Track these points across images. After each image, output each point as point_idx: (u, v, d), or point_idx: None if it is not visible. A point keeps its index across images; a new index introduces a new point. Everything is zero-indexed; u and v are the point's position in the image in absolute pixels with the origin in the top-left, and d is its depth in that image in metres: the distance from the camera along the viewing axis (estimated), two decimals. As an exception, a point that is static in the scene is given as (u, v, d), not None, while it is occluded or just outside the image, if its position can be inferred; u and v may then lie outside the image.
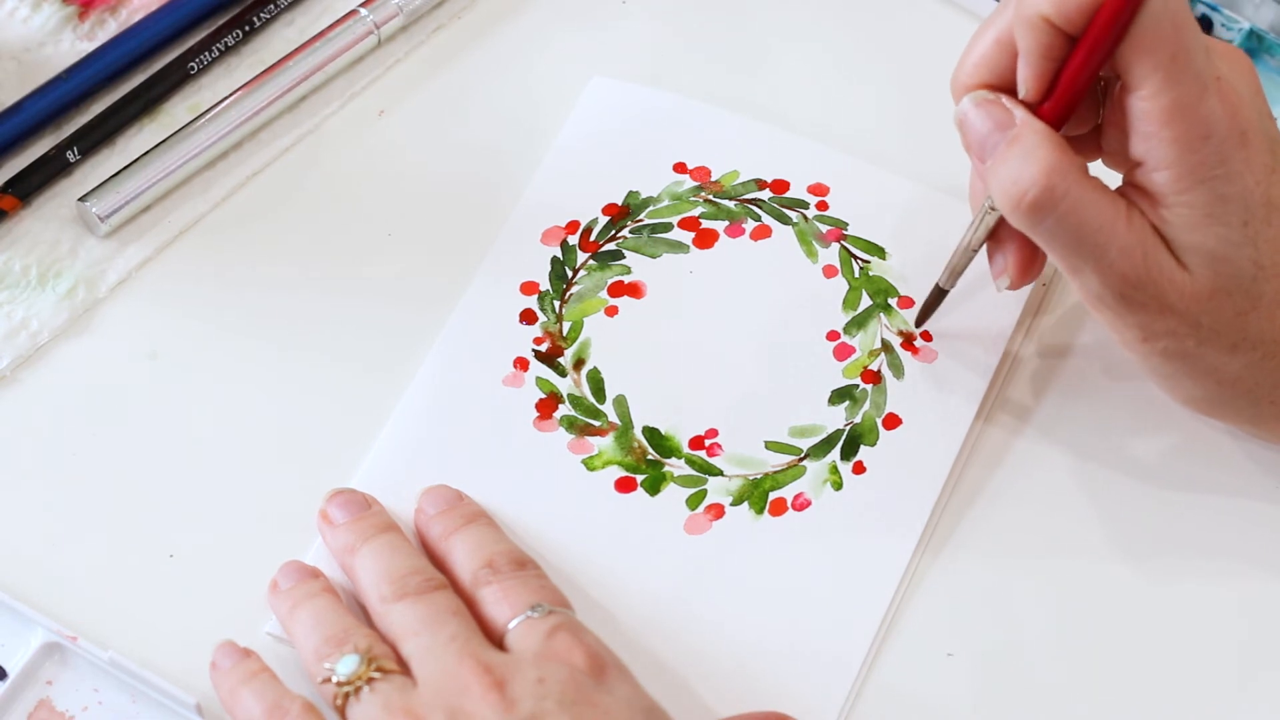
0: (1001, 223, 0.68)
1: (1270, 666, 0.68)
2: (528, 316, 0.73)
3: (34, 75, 0.78)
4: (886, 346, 0.73)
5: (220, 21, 0.80)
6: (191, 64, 0.79)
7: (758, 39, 0.81)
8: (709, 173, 0.77)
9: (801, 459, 0.71)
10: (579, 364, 0.73)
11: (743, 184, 0.77)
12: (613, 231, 0.75)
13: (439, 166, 0.78)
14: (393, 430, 0.71)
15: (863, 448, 0.71)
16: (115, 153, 0.77)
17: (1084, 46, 0.63)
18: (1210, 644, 0.68)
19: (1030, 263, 0.69)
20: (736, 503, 0.70)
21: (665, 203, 0.76)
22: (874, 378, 0.73)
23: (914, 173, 0.77)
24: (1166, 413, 0.72)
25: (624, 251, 0.75)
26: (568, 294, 0.74)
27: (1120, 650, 0.68)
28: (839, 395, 0.72)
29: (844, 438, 0.71)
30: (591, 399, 0.72)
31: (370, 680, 0.63)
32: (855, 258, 0.75)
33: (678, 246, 0.75)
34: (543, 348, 0.73)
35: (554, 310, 0.74)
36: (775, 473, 0.71)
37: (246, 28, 0.80)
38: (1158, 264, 0.64)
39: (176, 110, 0.78)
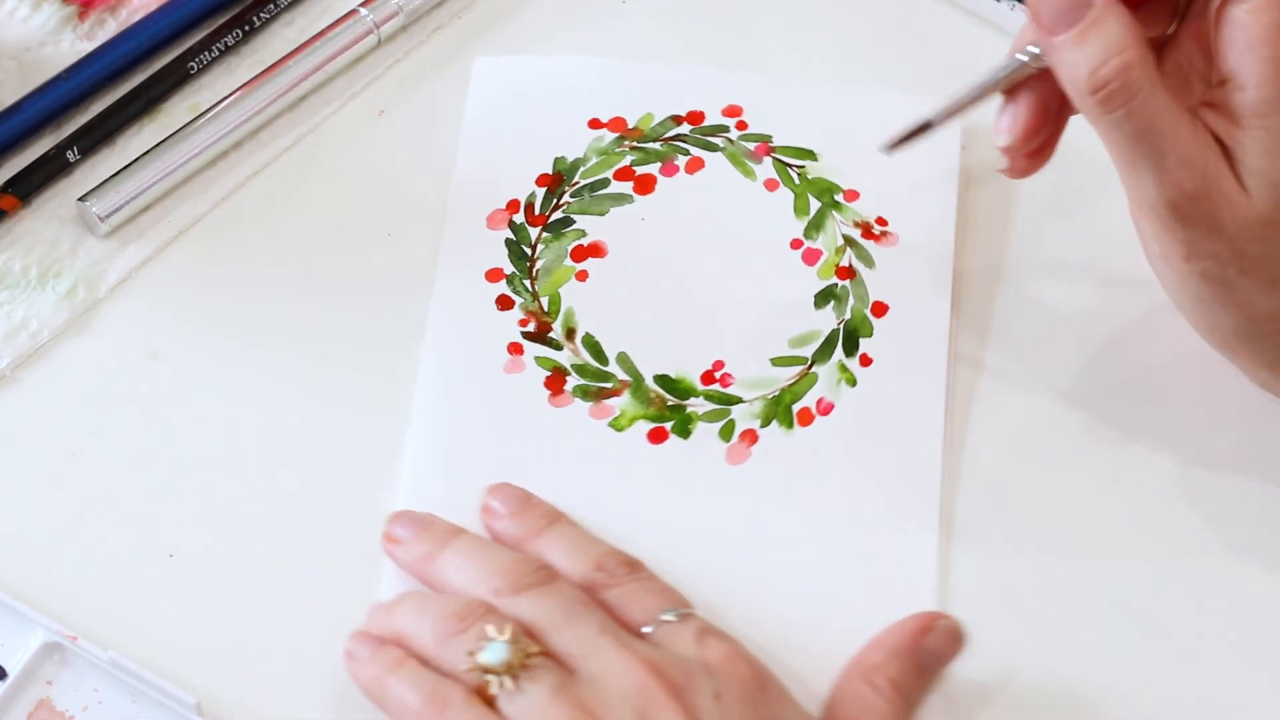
0: (1024, 83, 0.66)
1: (1267, 657, 0.68)
2: (504, 302, 0.73)
3: (34, 75, 0.78)
4: (849, 241, 0.75)
5: (220, 21, 0.80)
6: (191, 64, 0.79)
7: (757, 39, 0.81)
8: (625, 122, 0.77)
9: (810, 366, 0.72)
10: (570, 334, 0.73)
11: (660, 124, 0.77)
12: (554, 200, 0.76)
13: (439, 167, 0.77)
14: (416, 451, 0.70)
15: (861, 340, 0.73)
16: (115, 153, 0.77)
17: None
18: (1216, 635, 0.69)
19: (1036, 132, 0.67)
20: (765, 423, 0.71)
21: (593, 160, 0.77)
22: (848, 273, 0.74)
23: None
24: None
25: (572, 217, 0.75)
26: (534, 270, 0.74)
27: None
28: (823, 297, 0.74)
29: (841, 335, 0.73)
30: (595, 364, 0.72)
31: (524, 667, 0.61)
32: (789, 166, 0.77)
33: (621, 199, 0.76)
34: (530, 328, 0.73)
35: (527, 289, 0.74)
36: (790, 385, 0.72)
37: (246, 28, 0.80)
38: (1217, 181, 0.63)
39: (176, 110, 0.78)
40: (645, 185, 0.76)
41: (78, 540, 0.69)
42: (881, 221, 0.75)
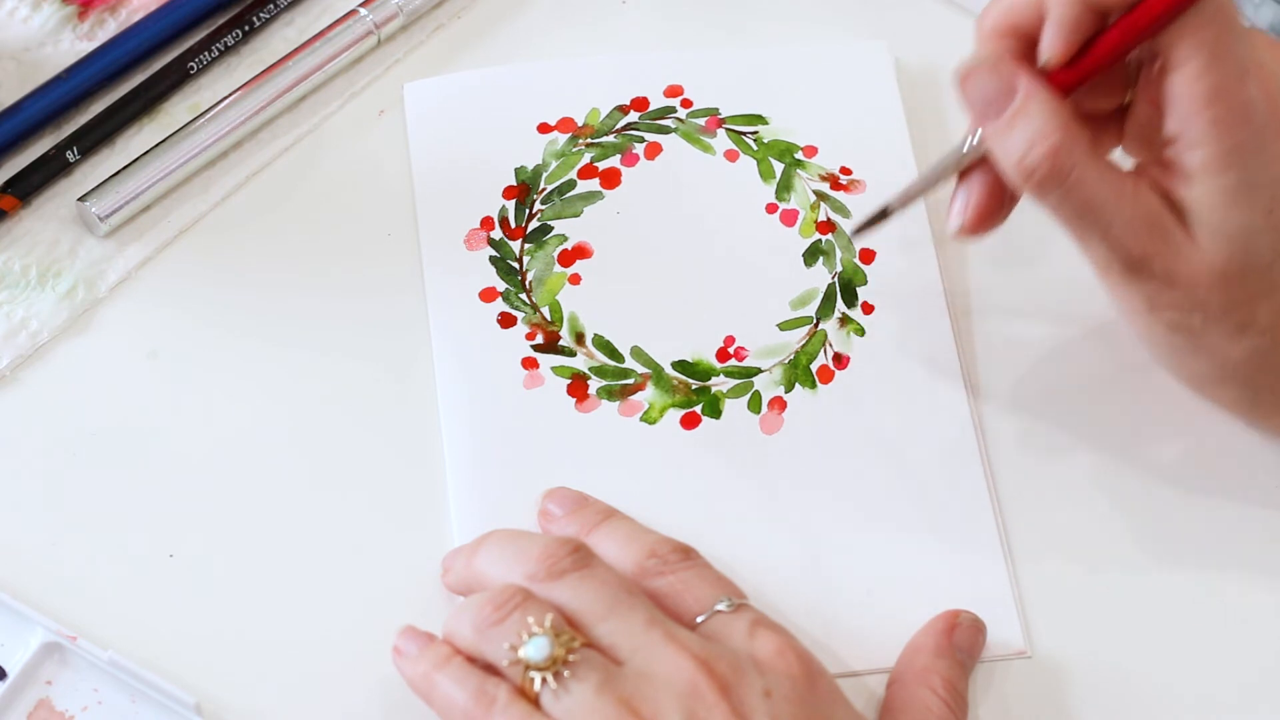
0: (974, 165, 0.67)
1: (1257, 673, 0.68)
2: (506, 320, 0.73)
3: (34, 75, 0.78)
4: (821, 195, 0.76)
5: (220, 21, 0.80)
6: (191, 64, 0.79)
7: (758, 39, 0.81)
8: (574, 121, 0.78)
9: (816, 324, 0.73)
10: (580, 338, 0.73)
11: (609, 117, 0.78)
12: (527, 210, 0.76)
13: (438, 166, 0.77)
14: (458, 489, 0.70)
15: (859, 289, 0.74)
16: (115, 153, 0.77)
17: (1122, 28, 0.63)
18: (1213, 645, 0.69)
19: (990, 215, 0.68)
20: (789, 388, 0.72)
21: (553, 165, 0.77)
22: (828, 227, 0.75)
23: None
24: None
25: (549, 224, 0.76)
26: (527, 283, 0.74)
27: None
28: (810, 255, 0.75)
29: (839, 289, 0.74)
30: (612, 363, 0.72)
31: (567, 663, 0.60)
32: (743, 134, 0.78)
33: (592, 197, 0.76)
34: (538, 340, 0.73)
35: (525, 302, 0.74)
36: (803, 346, 0.73)
37: (246, 27, 0.80)
38: (1166, 238, 0.64)
39: (176, 110, 0.79)
40: (611, 179, 0.77)
41: (78, 540, 0.69)
42: (846, 171, 0.77)
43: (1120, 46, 0.63)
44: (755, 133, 0.78)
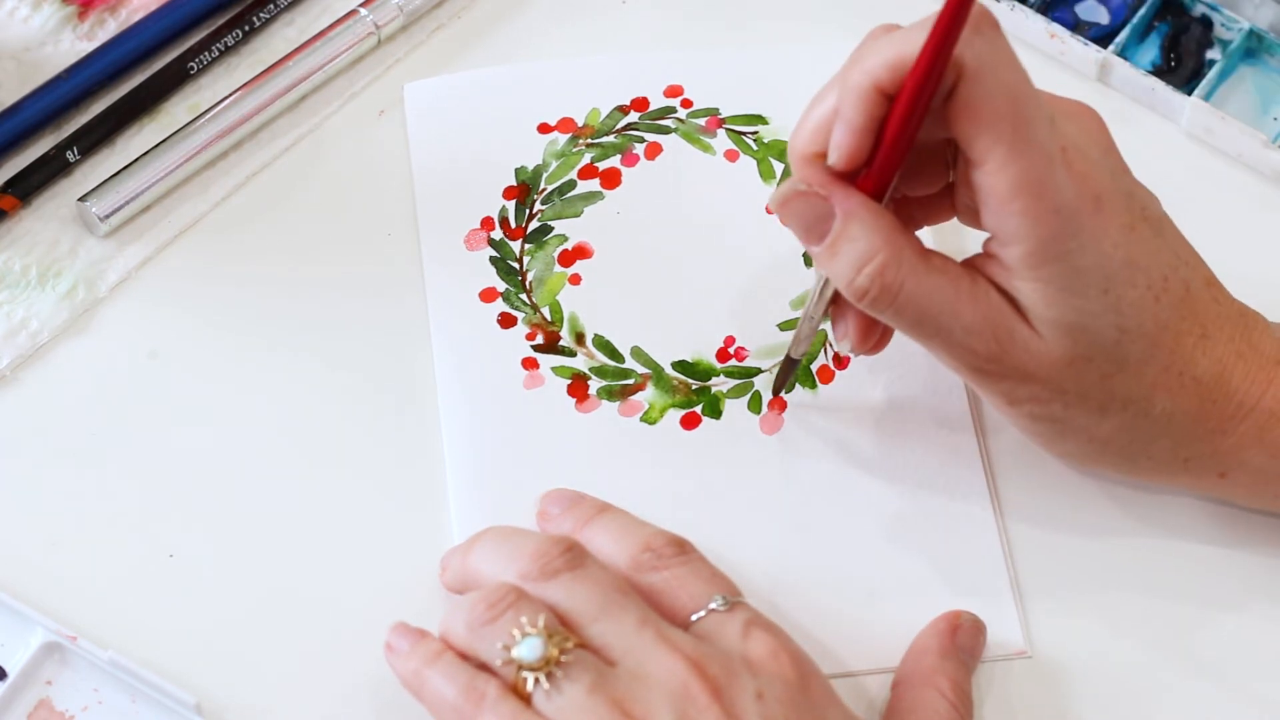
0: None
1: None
2: (506, 320, 0.74)
3: (34, 75, 0.78)
4: None
5: (220, 21, 0.80)
6: (191, 64, 0.79)
7: (758, 39, 0.81)
8: (574, 121, 0.78)
9: (817, 324, 0.72)
10: (580, 338, 0.73)
11: (609, 117, 0.78)
12: (527, 210, 0.76)
13: (438, 166, 0.77)
14: (458, 489, 0.70)
15: None
16: (115, 153, 0.77)
17: (897, 110, 0.61)
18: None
19: (869, 331, 0.68)
20: (789, 389, 0.72)
21: (553, 165, 0.77)
22: None
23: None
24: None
25: (549, 224, 0.76)
26: (527, 283, 0.74)
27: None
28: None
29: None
30: (612, 363, 0.72)
31: (560, 663, 0.60)
32: (743, 134, 0.78)
33: (592, 197, 0.76)
34: (538, 340, 0.73)
35: (525, 303, 0.74)
36: None
37: (246, 28, 0.80)
38: (1009, 336, 0.63)
39: (176, 110, 0.79)
40: (611, 179, 0.77)
41: (78, 540, 0.69)
42: None
43: (902, 131, 0.61)
44: (755, 133, 0.78)
